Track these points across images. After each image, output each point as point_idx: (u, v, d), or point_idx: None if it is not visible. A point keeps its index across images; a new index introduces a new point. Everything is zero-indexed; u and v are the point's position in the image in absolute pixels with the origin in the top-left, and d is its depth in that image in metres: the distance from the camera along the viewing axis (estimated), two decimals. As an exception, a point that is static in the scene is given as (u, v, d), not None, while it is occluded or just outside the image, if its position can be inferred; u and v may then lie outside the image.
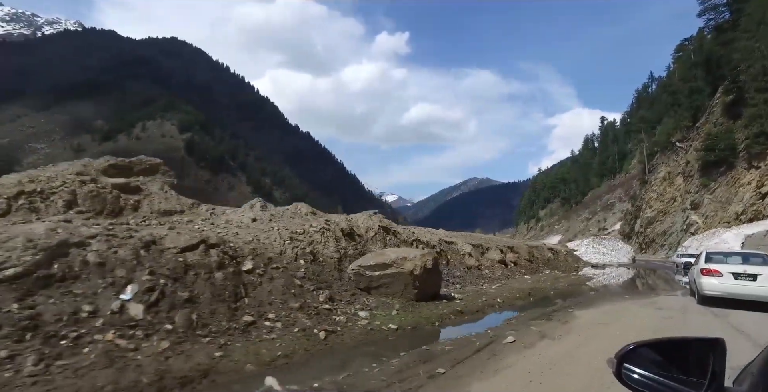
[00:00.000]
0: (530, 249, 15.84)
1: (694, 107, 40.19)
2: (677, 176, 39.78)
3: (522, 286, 10.87)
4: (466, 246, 12.88)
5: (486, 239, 15.77)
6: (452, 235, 14.38)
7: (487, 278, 11.71)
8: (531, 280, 12.22)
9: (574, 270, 16.97)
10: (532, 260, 15.36)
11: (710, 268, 8.31)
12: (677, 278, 15.89)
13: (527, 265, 14.65)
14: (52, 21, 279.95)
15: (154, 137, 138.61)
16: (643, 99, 74.43)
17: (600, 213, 59.86)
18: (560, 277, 13.77)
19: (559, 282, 12.55)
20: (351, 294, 7.16)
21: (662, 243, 38.12)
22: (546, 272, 14.97)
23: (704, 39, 40.17)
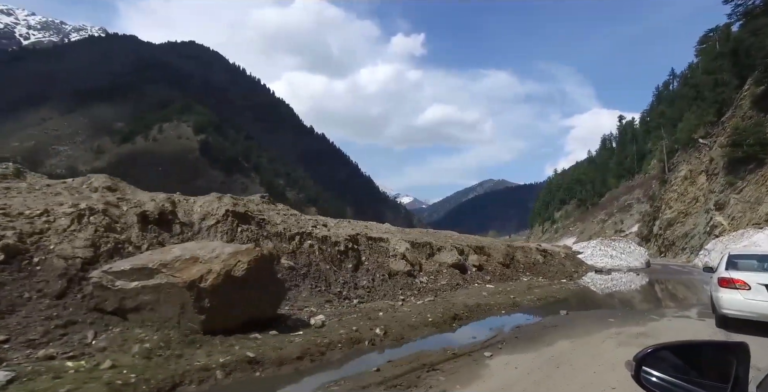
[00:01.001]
0: (510, 251, 13.55)
1: (719, 101, 37.32)
2: (700, 174, 36.99)
3: (465, 301, 8.15)
4: (400, 245, 10.06)
5: (457, 239, 13.05)
6: (389, 231, 11.60)
7: (419, 289, 9.11)
8: (490, 292, 9.63)
9: (568, 277, 14.32)
10: (510, 264, 12.93)
11: (732, 277, 6.15)
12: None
13: (500, 271, 12.27)
14: (79, 28, 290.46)
15: (170, 139, 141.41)
16: (664, 97, 70.87)
17: (617, 215, 56.96)
18: (538, 287, 11.29)
19: (531, 294, 9.99)
20: (66, 325, 4.18)
21: (683, 247, 35.42)
22: (524, 279, 12.49)
23: (731, 27, 37.31)
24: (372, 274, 8.88)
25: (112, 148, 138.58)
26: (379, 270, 9.12)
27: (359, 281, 8.49)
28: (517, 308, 8.46)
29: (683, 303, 9.99)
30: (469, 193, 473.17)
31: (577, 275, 15.46)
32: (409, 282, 9.31)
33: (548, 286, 11.46)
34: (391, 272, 9.20)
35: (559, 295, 10.27)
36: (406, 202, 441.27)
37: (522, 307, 8.56)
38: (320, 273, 7.90)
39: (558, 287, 11.55)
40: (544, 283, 11.96)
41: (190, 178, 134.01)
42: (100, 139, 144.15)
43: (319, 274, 7.85)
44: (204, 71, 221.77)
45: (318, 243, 8.56)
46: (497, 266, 12.43)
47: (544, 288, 10.98)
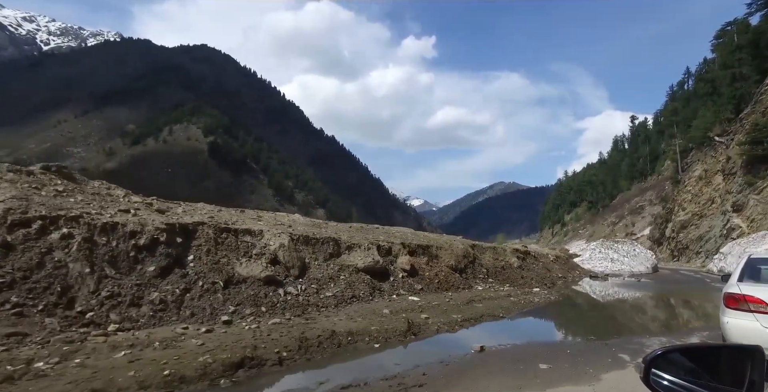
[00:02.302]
0: (469, 252, 11.03)
1: (736, 96, 35.14)
2: (715, 174, 34.86)
3: (334, 326, 5.75)
4: (274, 240, 7.52)
5: (398, 235, 10.76)
6: (278, 223, 9.18)
7: (279, 303, 6.56)
8: (399, 308, 7.19)
9: (550, 284, 12.04)
10: (466, 268, 10.53)
11: (745, 294, 4.18)
12: None
13: (444, 277, 9.62)
14: (96, 33, 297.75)
15: (179, 140, 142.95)
16: (678, 97, 68.16)
17: (628, 217, 54.63)
18: (489, 299, 8.86)
19: (464, 311, 7.49)
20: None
21: (697, 250, 33.32)
22: (478, 288, 9.88)
23: (750, 17, 35.17)
24: (191, 282, 6.02)
25: (123, 150, 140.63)
26: (211, 275, 6.24)
27: (153, 293, 5.55)
28: (406, 339, 5.67)
29: (679, 330, 7.29)
30: (480, 195, 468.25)
31: (563, 282, 13.38)
32: (267, 293, 6.51)
33: (504, 298, 9.11)
34: (234, 279, 6.38)
35: (507, 313, 7.77)
36: (416, 205, 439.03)
37: (420, 337, 5.84)
38: (56, 281, 5.00)
39: (519, 299, 9.26)
40: (504, 294, 9.60)
41: (199, 180, 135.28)
42: (112, 141, 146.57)
43: (53, 282, 4.96)
44: (216, 74, 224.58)
45: (89, 233, 5.63)
46: (444, 270, 9.95)
47: (493, 302, 8.59)
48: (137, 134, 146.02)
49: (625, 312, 9.79)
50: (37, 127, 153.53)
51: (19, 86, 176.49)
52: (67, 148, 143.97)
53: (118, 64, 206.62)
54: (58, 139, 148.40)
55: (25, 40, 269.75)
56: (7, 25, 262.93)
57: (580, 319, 8.53)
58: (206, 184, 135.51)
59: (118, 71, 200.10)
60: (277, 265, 7.28)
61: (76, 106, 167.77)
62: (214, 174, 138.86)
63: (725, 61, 37.93)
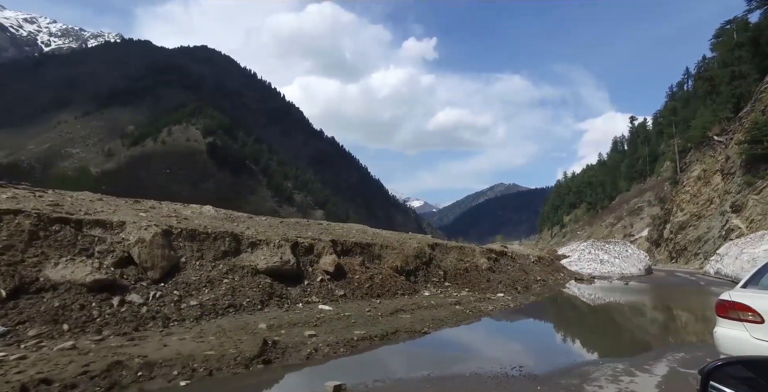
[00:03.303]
0: (424, 252, 9.79)
1: (736, 95, 34.55)
2: (714, 174, 34.25)
3: (142, 350, 4.27)
4: (134, 234, 6.20)
5: (330, 231, 9.61)
6: (160, 214, 7.84)
7: (99, 318, 5.01)
8: (280, 323, 5.74)
9: (523, 288, 11.01)
10: (417, 269, 9.33)
11: (734, 302, 3.82)
12: None
13: (381, 280, 8.41)
14: (97, 34, 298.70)
15: (178, 141, 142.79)
16: (678, 98, 67.54)
17: (626, 219, 53.97)
18: (425, 307, 7.67)
19: (367, 326, 6.12)
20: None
21: (696, 252, 32.69)
22: (425, 293, 8.81)
23: (750, 14, 34.61)
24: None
25: (122, 151, 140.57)
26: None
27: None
28: (248, 370, 4.20)
29: (646, 351, 5.83)
30: (480, 196, 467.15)
31: (540, 286, 12.27)
32: (87, 304, 5.04)
33: (448, 307, 7.84)
34: (35, 285, 4.92)
35: (436, 327, 6.44)
36: (416, 206, 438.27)
37: (270, 366, 4.39)
38: None
39: (467, 308, 7.93)
40: (453, 301, 8.29)
41: (198, 180, 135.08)
42: (111, 142, 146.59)
43: None
44: (217, 75, 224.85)
45: None
46: (384, 273, 8.64)
47: (429, 311, 7.36)
48: (136, 135, 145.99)
49: (586, 326, 8.29)
50: (38, 129, 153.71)
51: (19, 87, 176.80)
52: (65, 149, 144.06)
53: (119, 65, 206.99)
54: (57, 140, 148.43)
55: (26, 41, 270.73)
56: (8, 27, 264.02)
57: (523, 337, 7.09)
58: (205, 185, 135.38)
59: (119, 72, 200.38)
60: (130, 266, 5.87)
61: (76, 108, 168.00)
62: (213, 175, 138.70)
63: (724, 59, 37.40)
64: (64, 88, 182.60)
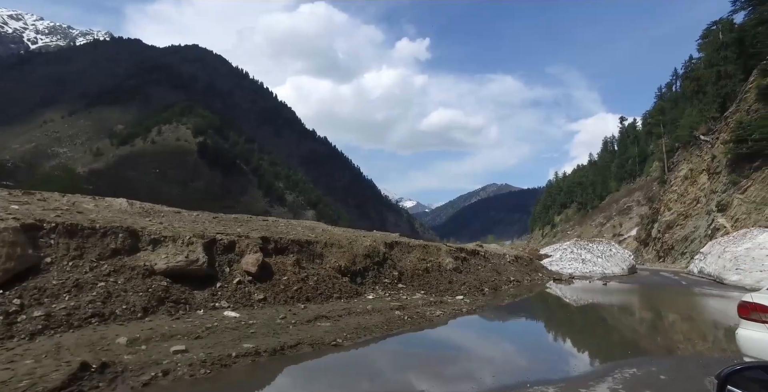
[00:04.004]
0: (377, 250, 9.12)
1: (721, 95, 34.82)
2: (701, 174, 34.47)
3: None
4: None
5: (257, 227, 8.70)
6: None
7: None
8: (128, 337, 4.68)
9: (491, 290, 10.29)
10: (368, 269, 8.64)
11: (756, 303, 3.75)
12: None
13: (316, 283, 7.62)
14: (86, 32, 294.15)
15: (169, 141, 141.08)
16: (666, 98, 68.20)
17: (616, 218, 54.29)
18: (343, 316, 6.66)
19: (242, 344, 4.91)
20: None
21: (682, 251, 32.84)
22: (368, 296, 8.02)
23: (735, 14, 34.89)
24: None
25: (111, 150, 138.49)
26: None
27: None
28: None
29: (590, 365, 5.31)
30: (473, 197, 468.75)
31: (513, 287, 11.61)
32: None
33: (388, 312, 7.02)
34: None
35: (355, 338, 5.64)
36: (409, 206, 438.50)
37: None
38: None
39: (412, 313, 7.18)
40: (398, 305, 7.47)
41: (188, 180, 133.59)
42: (100, 141, 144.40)
43: None
44: (208, 75, 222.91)
45: None
46: (323, 273, 7.86)
47: (360, 318, 6.57)
48: (125, 134, 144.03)
49: (535, 336, 7.41)
50: (23, 128, 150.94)
51: (4, 85, 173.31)
52: (52, 148, 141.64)
53: (108, 63, 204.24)
54: (43, 139, 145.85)
55: (11, 38, 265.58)
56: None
57: (451, 352, 5.99)
58: (195, 185, 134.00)
59: (108, 71, 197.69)
60: None
61: (63, 106, 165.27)
62: (204, 175, 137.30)
63: (711, 60, 37.70)
64: (51, 87, 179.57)
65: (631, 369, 4.76)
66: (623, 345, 6.44)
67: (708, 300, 11.86)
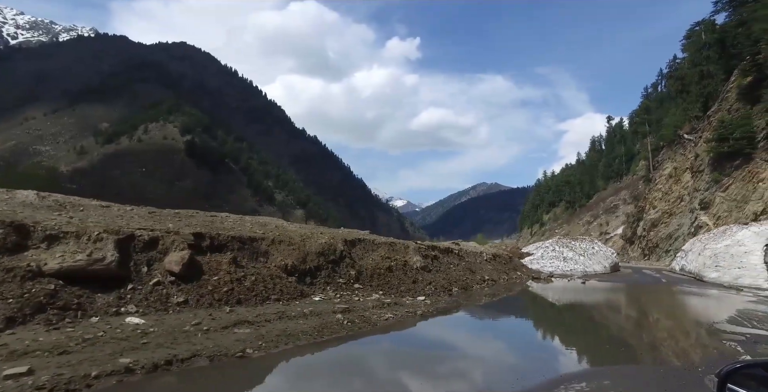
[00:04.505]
0: (333, 248, 8.44)
1: (704, 94, 35.31)
2: (685, 172, 34.88)
3: None
4: None
5: (193, 222, 8.12)
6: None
7: None
8: None
9: (460, 290, 9.78)
10: (313, 271, 7.92)
11: None
12: None
13: (253, 284, 6.90)
14: (69, 28, 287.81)
15: (155, 139, 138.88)
16: (652, 98, 69.14)
17: (602, 217, 54.87)
18: (269, 321, 5.88)
19: (117, 359, 3.99)
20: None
21: (667, 249, 33.17)
22: (315, 298, 7.29)
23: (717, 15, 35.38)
24: None
25: (96, 149, 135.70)
26: None
27: None
28: None
29: (531, 379, 4.34)
30: (463, 196, 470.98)
31: (485, 286, 11.08)
32: None
33: (327, 315, 6.37)
34: None
35: (263, 350, 4.78)
36: (399, 206, 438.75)
37: None
38: None
39: (353, 317, 6.46)
40: (345, 307, 6.84)
41: (175, 179, 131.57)
42: (84, 140, 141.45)
43: None
44: (197, 73, 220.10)
45: None
46: (265, 273, 7.15)
47: (286, 323, 5.80)
48: (111, 133, 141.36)
49: (486, 342, 6.69)
50: (3, 125, 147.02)
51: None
52: (34, 147, 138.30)
53: (93, 60, 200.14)
54: (24, 137, 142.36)
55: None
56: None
57: (387, 363, 5.32)
58: (183, 184, 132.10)
59: (93, 68, 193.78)
60: None
61: (45, 104, 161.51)
62: (191, 174, 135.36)
63: (694, 59, 38.18)
64: (33, 83, 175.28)
65: (579, 383, 4.13)
66: (580, 353, 5.76)
67: (684, 299, 11.64)
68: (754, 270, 12.60)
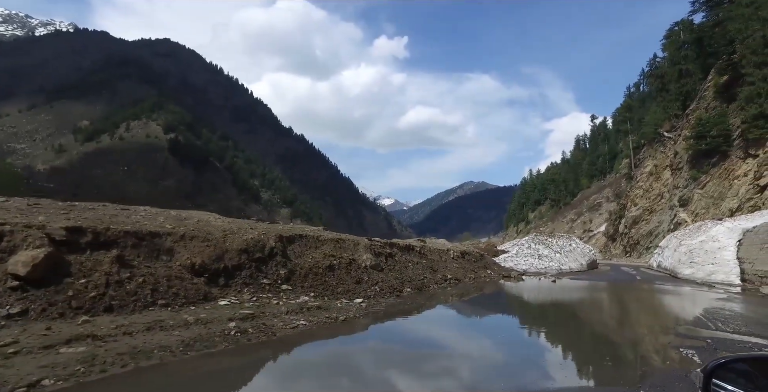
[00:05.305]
0: (263, 244, 7.65)
1: (683, 93, 35.82)
2: (665, 170, 35.32)
3: None
4: None
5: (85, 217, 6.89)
6: None
7: None
8: None
9: (414, 290, 9.11)
10: (230, 270, 6.99)
11: None
12: None
13: (138, 287, 5.82)
14: (46, 22, 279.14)
15: (138, 137, 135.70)
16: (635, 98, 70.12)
17: (586, 214, 55.43)
18: (127, 335, 4.72)
19: None
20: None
21: (648, 246, 33.53)
22: (221, 302, 6.27)
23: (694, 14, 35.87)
24: None
25: (75, 147, 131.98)
26: None
27: None
28: None
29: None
30: (450, 194, 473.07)
31: (448, 286, 10.50)
32: None
33: (219, 324, 5.33)
34: None
35: (95, 372, 3.69)
36: (387, 204, 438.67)
37: None
38: None
39: (247, 326, 5.40)
40: (249, 313, 5.91)
41: (158, 178, 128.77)
42: (63, 137, 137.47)
43: None
44: (180, 70, 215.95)
45: None
46: (161, 273, 6.19)
47: (131, 340, 4.59)
48: (91, 130, 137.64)
49: (397, 361, 5.13)
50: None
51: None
52: (8, 144, 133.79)
53: (72, 56, 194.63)
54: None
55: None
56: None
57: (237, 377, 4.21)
58: (166, 183, 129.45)
59: (72, 64, 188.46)
60: None
61: (21, 100, 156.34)
62: (175, 172, 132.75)
63: (673, 58, 38.64)
64: (7, 79, 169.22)
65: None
66: (516, 369, 4.73)
67: (653, 298, 11.23)
68: (726, 266, 12.57)
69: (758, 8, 25.84)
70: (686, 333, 5.98)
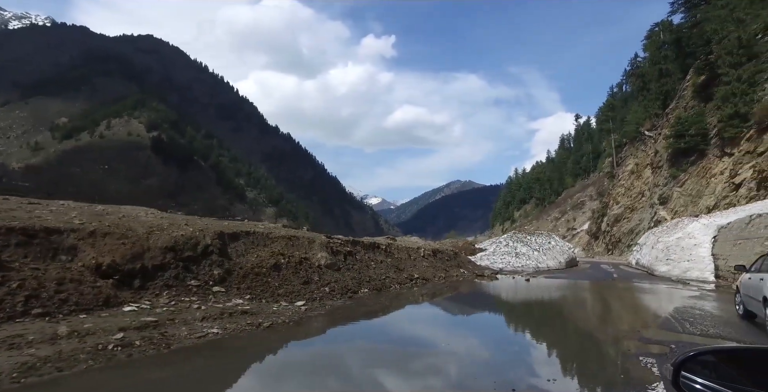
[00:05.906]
0: (195, 241, 7.04)
1: (663, 92, 36.37)
2: (645, 168, 35.80)
3: None
4: None
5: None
6: None
7: None
8: None
9: (371, 291, 8.63)
10: (142, 274, 6.10)
11: None
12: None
13: (16, 289, 4.83)
14: (21, 16, 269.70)
15: (119, 135, 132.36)
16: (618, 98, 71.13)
17: (570, 213, 56.01)
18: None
19: None
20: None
21: (629, 243, 33.91)
22: (124, 309, 5.33)
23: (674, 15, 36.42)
24: None
25: (53, 145, 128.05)
26: None
27: None
28: None
29: None
30: (437, 193, 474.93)
31: (414, 286, 10.01)
32: None
33: (103, 337, 4.43)
34: None
35: None
36: (374, 204, 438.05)
37: None
38: None
39: (137, 337, 4.56)
40: (153, 320, 5.09)
41: (140, 176, 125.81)
42: (39, 135, 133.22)
43: None
44: (164, 67, 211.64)
45: None
46: (56, 275, 5.37)
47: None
48: (70, 128, 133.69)
49: (287, 370, 4.44)
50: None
51: None
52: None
53: (49, 51, 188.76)
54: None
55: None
56: None
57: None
58: (148, 182, 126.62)
59: (49, 59, 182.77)
60: None
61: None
62: (158, 171, 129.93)
63: (653, 58, 39.15)
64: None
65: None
66: (465, 380, 4.12)
67: (624, 297, 10.95)
68: (702, 262, 12.57)
69: (733, 10, 26.27)
70: (651, 337, 5.64)
